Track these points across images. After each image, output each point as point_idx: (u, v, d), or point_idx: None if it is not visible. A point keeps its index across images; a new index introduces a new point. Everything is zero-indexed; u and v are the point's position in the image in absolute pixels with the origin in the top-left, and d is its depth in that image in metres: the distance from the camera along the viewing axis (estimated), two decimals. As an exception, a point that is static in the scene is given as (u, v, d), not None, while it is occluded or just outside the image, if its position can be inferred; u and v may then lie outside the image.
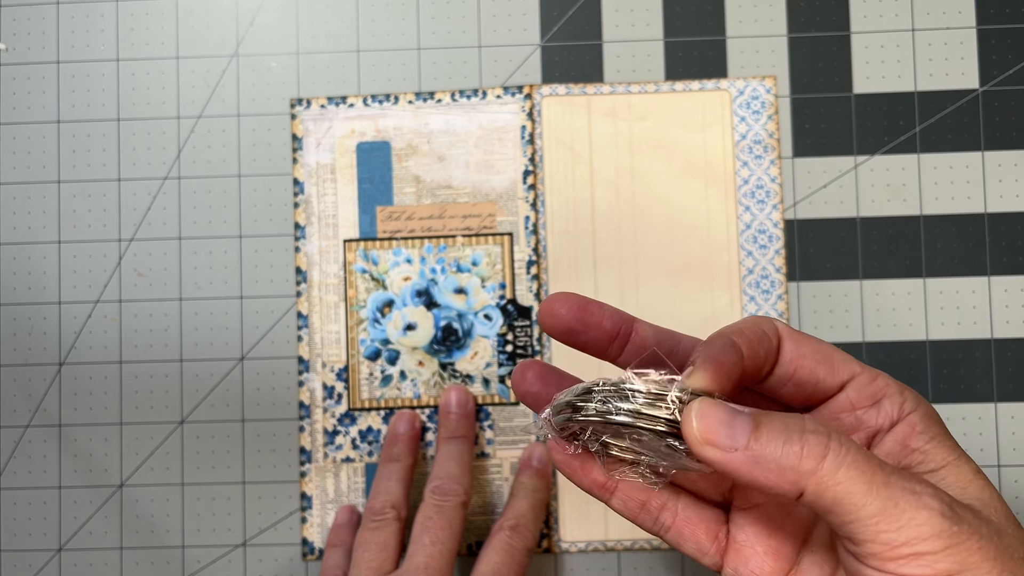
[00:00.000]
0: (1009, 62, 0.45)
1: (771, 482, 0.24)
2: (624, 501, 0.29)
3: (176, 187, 0.45)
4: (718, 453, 0.24)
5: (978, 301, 0.44)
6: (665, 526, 0.29)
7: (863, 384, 0.28)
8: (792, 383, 0.28)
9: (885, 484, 0.23)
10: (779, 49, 0.45)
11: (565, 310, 0.29)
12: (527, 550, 0.39)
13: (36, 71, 0.46)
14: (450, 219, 0.45)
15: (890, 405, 0.28)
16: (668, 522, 0.29)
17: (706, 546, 0.29)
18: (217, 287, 0.45)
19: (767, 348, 0.27)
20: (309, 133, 0.45)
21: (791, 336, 0.28)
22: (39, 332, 0.45)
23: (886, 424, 0.28)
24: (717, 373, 0.25)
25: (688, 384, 0.25)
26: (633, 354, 0.29)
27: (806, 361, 0.28)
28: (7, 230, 0.46)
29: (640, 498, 0.29)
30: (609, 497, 0.30)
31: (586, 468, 0.29)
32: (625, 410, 0.25)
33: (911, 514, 0.23)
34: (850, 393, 0.28)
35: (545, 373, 0.30)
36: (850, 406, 0.28)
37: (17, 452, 0.45)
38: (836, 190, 0.44)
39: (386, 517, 0.40)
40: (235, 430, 0.45)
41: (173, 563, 0.44)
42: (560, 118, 0.45)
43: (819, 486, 0.24)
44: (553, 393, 0.28)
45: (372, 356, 0.45)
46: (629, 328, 0.29)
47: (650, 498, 0.29)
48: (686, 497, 0.29)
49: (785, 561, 0.28)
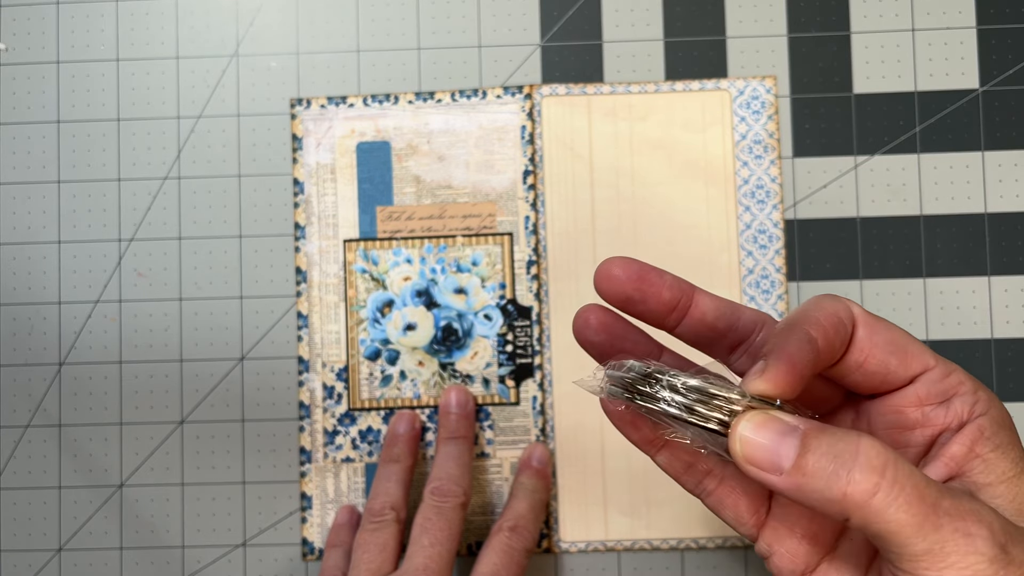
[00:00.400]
0: (1009, 62, 0.45)
1: (816, 507, 0.23)
2: (669, 460, 0.29)
3: (176, 187, 0.45)
4: (761, 474, 0.24)
5: (978, 301, 0.44)
6: (707, 490, 0.29)
7: (935, 379, 0.26)
8: (861, 372, 0.27)
9: (936, 527, 0.22)
10: (779, 49, 0.45)
11: (623, 273, 0.27)
12: (526, 551, 0.39)
13: (36, 71, 0.46)
14: (450, 219, 0.45)
15: (960, 405, 0.26)
16: (711, 488, 0.29)
17: (745, 518, 0.28)
18: (217, 287, 0.45)
19: (842, 338, 0.26)
20: (309, 133, 0.45)
21: (866, 322, 0.26)
22: (39, 332, 0.45)
23: (954, 424, 0.26)
24: (789, 377, 0.24)
25: (753, 390, 0.24)
26: (692, 328, 0.28)
27: (878, 350, 0.26)
28: (7, 230, 0.46)
29: (687, 459, 0.28)
30: (655, 453, 0.29)
31: (637, 423, 0.28)
32: (679, 403, 0.25)
33: (957, 558, 0.22)
34: (919, 388, 0.26)
35: (608, 323, 0.28)
36: (918, 401, 0.27)
37: (17, 452, 0.45)
38: (836, 190, 0.44)
39: (385, 518, 0.40)
40: (235, 430, 0.45)
41: (173, 563, 0.44)
42: (560, 118, 0.45)
43: (865, 519, 0.23)
44: (615, 344, 0.27)
45: (372, 356, 0.45)
46: (689, 299, 0.27)
47: (696, 460, 0.28)
48: (734, 466, 0.28)
49: (821, 547, 0.27)
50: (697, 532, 0.43)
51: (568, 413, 0.44)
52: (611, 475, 0.44)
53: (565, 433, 0.44)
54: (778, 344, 0.24)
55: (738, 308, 0.28)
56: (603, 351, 0.28)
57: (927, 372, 0.26)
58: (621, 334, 0.28)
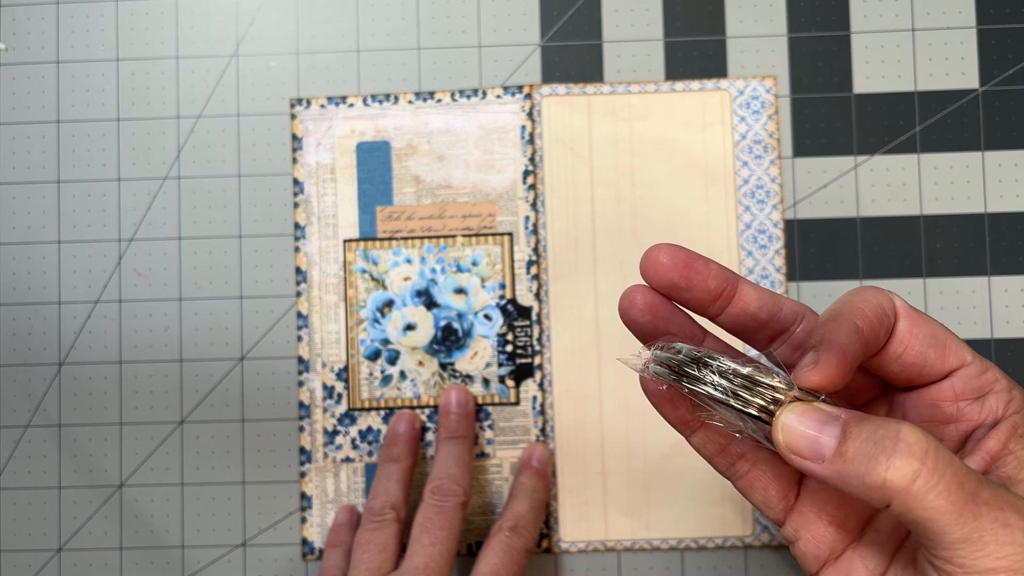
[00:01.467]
0: (1009, 62, 0.45)
1: (857, 494, 0.23)
2: (704, 441, 0.29)
3: (176, 187, 0.45)
4: (804, 463, 0.24)
5: (978, 301, 0.44)
6: (739, 473, 0.29)
7: (971, 375, 0.27)
8: (898, 363, 0.27)
9: (975, 516, 0.23)
10: (779, 49, 0.45)
11: (669, 261, 0.27)
12: (526, 551, 0.39)
13: (36, 71, 0.46)
14: (450, 219, 0.45)
15: (996, 401, 0.27)
16: (743, 471, 0.29)
17: (774, 502, 0.28)
18: (217, 287, 0.45)
19: (886, 328, 0.26)
20: (309, 133, 0.45)
21: (908, 315, 0.27)
22: (39, 332, 0.45)
23: (989, 420, 0.27)
24: (841, 368, 0.24)
25: (806, 382, 0.25)
26: (734, 317, 0.28)
27: (917, 343, 0.27)
28: (7, 230, 0.46)
29: (722, 441, 0.29)
30: (690, 434, 0.29)
31: (675, 402, 0.28)
32: (724, 387, 0.25)
33: (995, 547, 0.23)
34: (956, 383, 0.27)
35: (655, 304, 0.28)
36: (953, 396, 0.27)
37: (17, 452, 0.45)
38: (836, 190, 0.44)
39: (385, 518, 0.40)
40: (235, 430, 0.45)
41: (173, 563, 0.44)
42: (560, 118, 0.45)
43: (905, 506, 0.23)
44: (659, 326, 0.27)
45: (372, 356, 0.45)
46: (734, 289, 0.28)
47: (731, 443, 0.29)
48: (767, 451, 0.29)
49: (848, 534, 0.27)
50: (697, 532, 0.43)
51: (568, 413, 0.44)
52: (611, 475, 0.44)
53: (565, 433, 0.44)
54: (827, 335, 0.25)
55: (780, 299, 0.28)
56: (647, 332, 0.28)
57: (964, 367, 0.27)
58: (667, 316, 0.28)
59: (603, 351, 0.44)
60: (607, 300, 0.44)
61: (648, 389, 0.28)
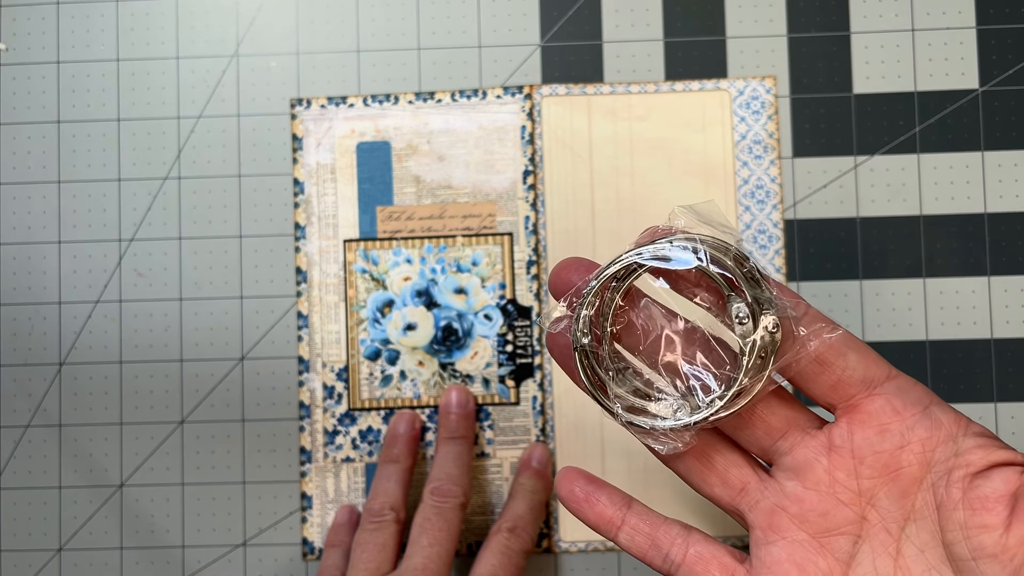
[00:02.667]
0: (1009, 62, 0.45)
1: None
2: (631, 536, 0.29)
3: (176, 187, 0.45)
4: None
5: (978, 301, 0.44)
6: (675, 563, 0.29)
7: (904, 388, 0.28)
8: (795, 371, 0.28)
9: None
10: (779, 49, 0.45)
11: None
12: (524, 552, 0.39)
13: (36, 71, 0.46)
14: (450, 219, 0.45)
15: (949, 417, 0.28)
16: (679, 558, 0.29)
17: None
18: (217, 287, 0.45)
19: None
20: (309, 133, 0.45)
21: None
22: (39, 332, 0.45)
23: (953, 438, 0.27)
24: None
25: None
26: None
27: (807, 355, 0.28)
28: (7, 230, 0.46)
29: (647, 531, 0.29)
30: (616, 532, 0.29)
31: (591, 501, 0.29)
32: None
33: None
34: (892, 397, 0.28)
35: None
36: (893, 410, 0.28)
37: (17, 452, 0.45)
38: (836, 190, 0.44)
39: (385, 519, 0.40)
40: (235, 430, 0.45)
41: (173, 563, 0.44)
42: (560, 118, 0.45)
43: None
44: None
45: (372, 356, 0.45)
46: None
47: (657, 532, 0.29)
48: (698, 533, 0.29)
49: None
50: (697, 532, 0.43)
51: (568, 413, 0.44)
52: (611, 475, 0.44)
53: (565, 433, 0.44)
54: None
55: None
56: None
57: (892, 380, 0.28)
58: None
59: (603, 351, 0.44)
60: (607, 300, 0.44)
61: (562, 486, 0.30)
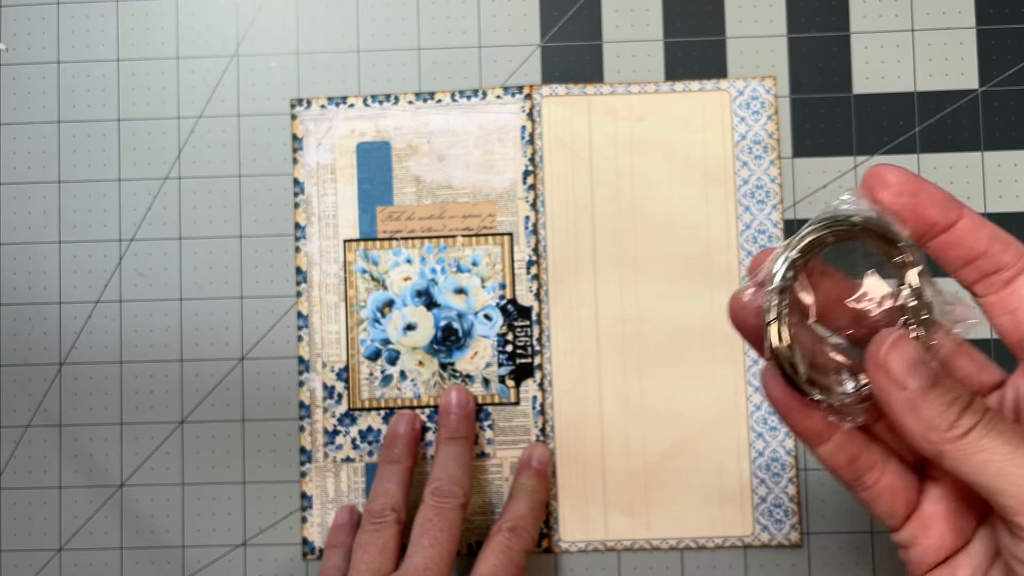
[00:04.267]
0: (1009, 62, 0.45)
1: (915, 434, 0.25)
2: (833, 452, 0.29)
3: (176, 187, 0.45)
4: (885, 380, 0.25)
5: (978, 301, 0.44)
6: (866, 485, 0.29)
7: None
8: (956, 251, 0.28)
9: None
10: (779, 49, 0.45)
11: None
12: (525, 552, 0.39)
13: (36, 71, 0.46)
14: (450, 219, 0.45)
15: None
16: (871, 482, 0.29)
17: (898, 512, 0.29)
18: (217, 287, 0.45)
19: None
20: (309, 133, 0.45)
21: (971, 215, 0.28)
22: (39, 332, 0.45)
23: None
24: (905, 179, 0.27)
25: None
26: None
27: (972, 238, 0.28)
28: (7, 230, 0.46)
29: (853, 452, 0.29)
30: (818, 444, 0.29)
31: (805, 412, 0.28)
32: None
33: None
34: None
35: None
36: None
37: (17, 452, 0.45)
38: (836, 190, 0.44)
39: (386, 519, 0.40)
40: (235, 430, 0.45)
41: (173, 563, 0.44)
42: (560, 118, 0.45)
43: (958, 454, 0.24)
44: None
45: (372, 356, 0.45)
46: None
47: (862, 454, 0.29)
48: (896, 463, 0.29)
49: (962, 537, 0.28)
50: (696, 532, 0.43)
51: (568, 413, 0.44)
52: (611, 475, 0.44)
53: (565, 433, 0.44)
54: None
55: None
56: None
57: None
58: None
59: (603, 351, 0.44)
60: (607, 300, 0.44)
61: (774, 397, 0.28)
